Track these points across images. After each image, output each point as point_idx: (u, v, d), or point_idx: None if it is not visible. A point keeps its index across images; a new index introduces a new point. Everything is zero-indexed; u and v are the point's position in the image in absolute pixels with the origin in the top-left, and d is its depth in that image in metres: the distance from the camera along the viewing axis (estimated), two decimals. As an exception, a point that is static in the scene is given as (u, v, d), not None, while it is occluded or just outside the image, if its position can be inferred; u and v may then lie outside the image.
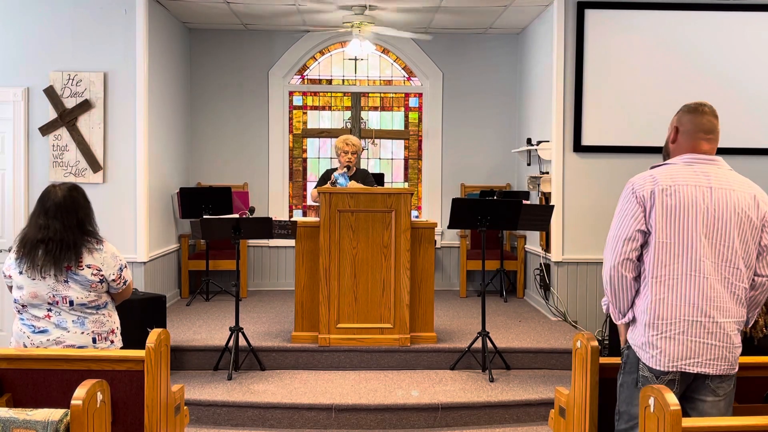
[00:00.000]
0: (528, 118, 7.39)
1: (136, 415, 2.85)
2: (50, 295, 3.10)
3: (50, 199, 3.14)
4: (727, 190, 2.55)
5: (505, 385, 4.78)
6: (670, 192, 2.52)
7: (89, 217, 3.22)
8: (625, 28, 6.18)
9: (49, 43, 5.99)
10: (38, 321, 3.12)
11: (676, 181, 2.54)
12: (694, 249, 2.49)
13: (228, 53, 7.78)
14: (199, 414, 4.43)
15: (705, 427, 2.24)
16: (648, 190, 2.54)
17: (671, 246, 2.50)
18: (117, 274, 3.21)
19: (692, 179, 2.55)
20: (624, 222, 2.56)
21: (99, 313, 3.20)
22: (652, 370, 2.52)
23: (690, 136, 2.64)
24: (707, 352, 2.49)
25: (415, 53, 7.89)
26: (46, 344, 3.10)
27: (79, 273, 3.11)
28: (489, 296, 7.09)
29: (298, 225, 5.27)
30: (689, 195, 2.52)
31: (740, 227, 2.53)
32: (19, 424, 2.25)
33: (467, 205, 5.13)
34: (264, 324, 5.88)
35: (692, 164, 2.59)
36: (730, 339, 2.52)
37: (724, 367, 2.51)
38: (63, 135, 5.98)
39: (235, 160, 7.82)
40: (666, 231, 2.50)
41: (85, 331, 3.15)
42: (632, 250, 2.54)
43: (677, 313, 2.49)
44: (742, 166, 6.17)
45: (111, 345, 3.22)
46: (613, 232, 2.60)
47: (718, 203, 2.52)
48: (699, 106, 2.68)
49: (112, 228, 5.98)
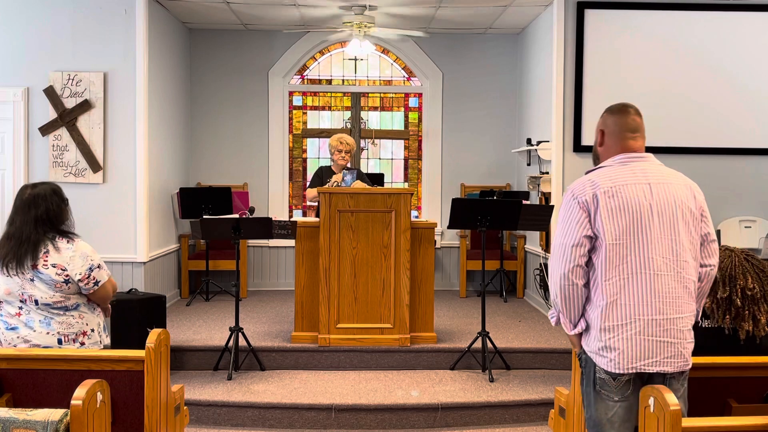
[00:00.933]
0: (528, 118, 7.39)
1: (136, 415, 2.84)
2: (19, 292, 3.11)
3: (20, 197, 3.18)
4: (665, 184, 2.55)
5: (505, 385, 4.78)
6: (611, 193, 2.51)
7: (57, 213, 3.17)
8: (625, 28, 6.18)
9: (49, 43, 5.99)
10: (11, 318, 3.14)
11: (615, 182, 2.53)
12: (643, 247, 2.49)
13: (228, 53, 7.79)
14: (199, 414, 4.43)
15: (705, 427, 2.24)
16: (589, 194, 2.52)
17: (620, 247, 2.48)
18: (85, 274, 3.14)
19: (631, 178, 2.54)
20: (569, 229, 2.53)
21: (67, 314, 3.16)
22: (609, 373, 2.50)
23: (617, 137, 2.65)
24: (664, 350, 2.47)
25: (415, 53, 7.89)
26: (16, 341, 3.11)
27: (44, 272, 3.09)
28: (489, 296, 7.09)
29: (298, 225, 5.26)
30: (631, 194, 2.51)
31: (684, 219, 2.53)
32: (19, 424, 2.25)
33: (467, 205, 5.13)
34: (264, 324, 5.88)
35: (627, 163, 2.59)
36: (683, 335, 2.51)
37: (680, 364, 2.50)
38: (63, 135, 5.98)
39: (235, 160, 7.82)
40: (614, 233, 2.48)
41: (51, 332, 3.13)
42: (581, 256, 2.51)
43: (631, 313, 2.48)
44: (742, 166, 6.21)
45: (81, 346, 3.17)
46: (558, 241, 2.56)
47: (659, 198, 2.52)
48: (622, 106, 2.69)
49: (112, 228, 5.99)
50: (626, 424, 2.50)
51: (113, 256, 5.86)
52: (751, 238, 6.08)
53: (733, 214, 6.18)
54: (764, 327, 3.05)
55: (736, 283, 3.13)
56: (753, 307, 3.11)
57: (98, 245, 4.12)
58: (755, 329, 3.10)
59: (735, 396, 2.79)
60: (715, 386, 2.79)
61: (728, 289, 3.15)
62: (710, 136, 6.18)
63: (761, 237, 5.99)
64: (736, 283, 3.13)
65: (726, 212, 6.13)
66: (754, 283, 3.14)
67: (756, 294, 3.11)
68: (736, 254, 3.23)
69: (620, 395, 2.49)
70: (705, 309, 3.23)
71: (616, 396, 2.49)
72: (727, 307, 3.16)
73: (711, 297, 3.20)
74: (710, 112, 6.19)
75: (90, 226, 5.64)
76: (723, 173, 6.16)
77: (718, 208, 6.09)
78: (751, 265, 3.19)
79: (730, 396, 2.79)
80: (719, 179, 6.12)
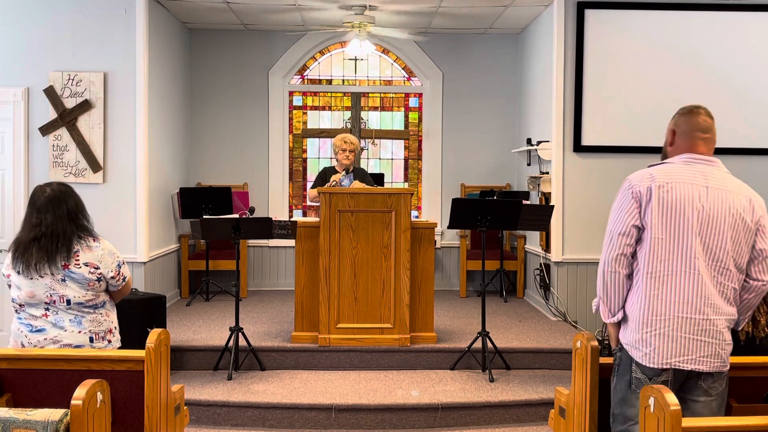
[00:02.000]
0: (528, 118, 7.39)
1: (136, 415, 2.84)
2: (47, 294, 3.09)
3: (40, 196, 3.13)
4: (724, 191, 2.56)
5: (505, 385, 4.78)
6: (666, 189, 2.53)
7: (81, 209, 3.18)
8: (625, 28, 6.18)
9: (49, 43, 5.99)
10: (36, 320, 3.11)
11: (673, 178, 2.55)
12: (688, 246, 2.50)
13: (228, 53, 7.78)
14: (199, 414, 4.43)
15: (705, 427, 2.24)
16: (645, 186, 2.56)
17: (666, 242, 2.51)
18: (116, 271, 3.20)
19: (689, 178, 2.56)
20: (619, 217, 2.58)
21: (96, 312, 3.19)
22: (645, 371, 2.52)
23: (687, 137, 2.65)
24: (700, 349, 2.49)
25: (415, 53, 7.89)
26: (43, 343, 3.09)
27: (77, 271, 3.09)
28: (489, 296, 7.09)
29: (298, 225, 5.27)
30: (685, 193, 2.53)
31: (734, 228, 2.54)
32: (19, 424, 2.25)
33: (467, 205, 5.13)
34: (264, 324, 5.88)
35: (690, 164, 2.61)
36: (722, 336, 2.52)
37: (717, 364, 2.51)
38: (63, 135, 5.98)
39: (235, 160, 7.82)
40: (661, 227, 2.51)
41: (83, 330, 3.14)
42: (626, 245, 2.55)
43: (671, 310, 2.50)
44: (742, 166, 6.21)
45: (108, 344, 3.21)
46: (609, 227, 2.62)
47: (713, 203, 2.53)
48: (694, 107, 2.70)
49: (112, 228, 5.99)
50: None
51: (113, 256, 5.85)
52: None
53: (733, 214, 6.17)
54: (764, 328, 3.05)
55: None
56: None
57: (98, 245, 4.12)
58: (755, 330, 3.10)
59: (735, 396, 2.79)
60: (715, 386, 2.79)
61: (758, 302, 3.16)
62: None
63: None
64: None
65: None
66: None
67: None
68: None
69: None
70: None
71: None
72: None
73: None
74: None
75: (90, 226, 5.64)
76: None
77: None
78: None
79: (730, 396, 2.78)
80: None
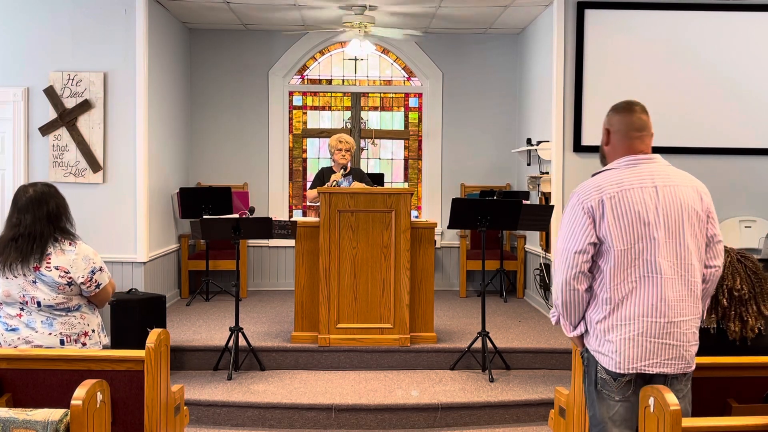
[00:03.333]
0: (528, 118, 7.39)
1: (136, 415, 2.84)
2: (21, 294, 3.09)
3: (23, 196, 3.14)
4: (672, 186, 2.54)
5: (505, 385, 4.78)
6: (618, 198, 2.49)
7: (63, 211, 3.17)
8: (625, 28, 6.17)
9: (49, 43, 5.99)
10: (11, 319, 3.13)
11: (622, 186, 2.51)
12: (650, 251, 2.48)
13: (228, 53, 7.79)
14: (199, 414, 4.43)
15: (705, 427, 2.24)
16: (595, 199, 2.51)
17: (627, 252, 2.48)
18: (87, 277, 3.14)
19: (637, 181, 2.53)
20: (573, 235, 2.51)
21: (70, 315, 3.17)
22: (609, 372, 2.51)
23: (623, 136, 2.62)
24: (664, 352, 2.48)
25: (415, 53, 7.89)
26: (17, 342, 3.10)
27: (47, 274, 3.08)
28: (489, 296, 7.09)
29: (298, 225, 5.27)
30: (637, 198, 2.50)
31: (690, 222, 2.53)
32: (19, 424, 2.25)
33: (467, 205, 5.13)
34: (264, 324, 5.88)
35: (633, 165, 2.57)
36: (686, 337, 2.51)
37: (682, 366, 2.50)
38: (63, 135, 5.98)
39: (235, 160, 7.82)
40: (621, 238, 2.47)
41: (53, 332, 3.13)
42: (584, 263, 2.50)
43: (635, 314, 2.47)
44: (742, 166, 6.21)
45: (83, 347, 3.18)
46: (561, 245, 2.55)
47: (665, 202, 2.51)
48: (628, 104, 2.67)
49: (112, 228, 5.99)
50: (627, 423, 2.51)
51: (113, 256, 5.85)
52: (751, 238, 6.08)
53: (733, 214, 6.18)
54: (752, 328, 3.04)
55: (723, 283, 3.12)
56: (740, 308, 3.10)
57: (98, 245, 4.13)
58: (743, 330, 3.10)
59: (735, 396, 2.79)
60: (715, 386, 2.79)
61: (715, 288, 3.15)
62: (710, 136, 6.18)
63: (761, 237, 6.00)
64: (723, 283, 3.12)
65: (726, 212, 6.13)
66: (743, 284, 3.12)
67: (744, 295, 3.10)
68: (731, 254, 3.22)
69: (621, 395, 2.50)
70: None
71: (617, 396, 2.50)
72: (714, 306, 3.16)
73: None
74: (710, 111, 6.19)
75: (90, 226, 5.65)
76: (723, 173, 6.15)
77: (717, 208, 5.99)
78: (743, 266, 3.18)
79: (730, 396, 2.79)
80: (719, 179, 6.11)
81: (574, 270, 2.50)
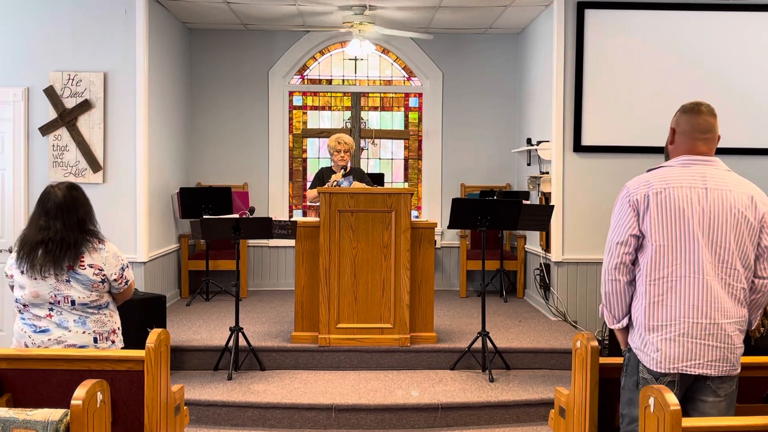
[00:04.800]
0: (528, 118, 7.39)
1: (136, 415, 2.84)
2: (52, 294, 3.09)
3: (50, 199, 3.14)
4: (724, 190, 2.54)
5: (505, 385, 4.78)
6: (664, 194, 2.51)
7: (90, 215, 3.22)
8: (625, 28, 6.18)
9: (49, 43, 5.99)
10: (40, 320, 3.12)
11: (669, 183, 2.53)
12: (692, 250, 2.49)
13: (228, 53, 7.79)
14: (199, 414, 4.43)
15: (705, 427, 2.24)
16: (642, 193, 2.55)
17: (668, 248, 2.50)
18: (119, 274, 3.21)
19: (687, 181, 2.54)
20: (618, 226, 2.58)
21: (101, 312, 3.20)
22: (652, 372, 2.51)
23: (687, 137, 2.63)
24: (708, 353, 2.48)
25: (415, 53, 7.89)
26: (47, 343, 3.09)
27: (81, 273, 3.11)
28: (489, 296, 7.09)
29: (298, 225, 5.27)
30: (683, 197, 2.51)
31: (737, 228, 2.52)
32: (19, 424, 2.25)
33: (467, 205, 5.13)
34: (264, 324, 5.88)
35: (688, 166, 2.59)
36: (731, 340, 2.51)
37: (726, 368, 2.50)
38: (63, 135, 5.98)
39: (235, 160, 7.82)
40: (662, 234, 2.50)
41: (87, 331, 3.15)
42: (625, 254, 2.55)
43: (677, 315, 2.49)
44: (741, 166, 6.18)
45: (112, 345, 3.22)
46: (609, 236, 2.62)
47: (713, 204, 2.51)
48: (695, 105, 2.66)
49: (112, 228, 5.98)
50: None
51: (113, 256, 5.85)
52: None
53: (733, 214, 6.17)
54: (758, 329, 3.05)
55: None
56: None
57: (98, 245, 4.12)
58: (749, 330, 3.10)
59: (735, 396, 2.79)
60: (715, 386, 2.79)
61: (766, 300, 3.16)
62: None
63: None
64: None
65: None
66: None
67: None
68: None
69: None
70: None
71: None
72: None
73: None
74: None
75: (90, 226, 5.64)
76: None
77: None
78: None
79: (730, 396, 2.78)
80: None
81: (615, 260, 2.57)
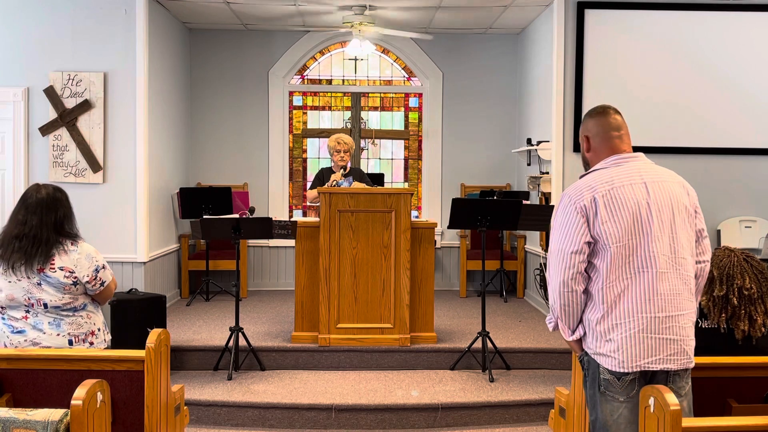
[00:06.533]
0: (528, 118, 7.39)
1: (136, 415, 2.84)
2: (25, 297, 3.09)
3: (33, 195, 3.13)
4: (660, 182, 2.54)
5: (505, 385, 4.78)
6: (610, 196, 2.48)
7: (69, 218, 3.19)
8: (625, 28, 6.18)
9: (49, 43, 5.99)
10: (17, 322, 3.12)
11: (613, 184, 2.51)
12: (645, 246, 2.47)
13: (228, 53, 7.79)
14: (199, 414, 4.43)
15: (705, 427, 2.24)
16: (588, 198, 2.49)
17: (624, 248, 2.47)
18: (91, 276, 3.16)
19: (627, 179, 2.52)
20: (568, 235, 2.49)
21: (76, 314, 3.18)
22: (613, 373, 2.48)
23: (603, 138, 2.62)
24: (666, 347, 2.46)
25: (415, 53, 7.89)
26: (23, 344, 3.10)
27: (52, 275, 3.08)
28: (489, 296, 7.09)
29: (298, 225, 5.27)
30: (629, 194, 2.49)
31: (680, 217, 2.53)
32: (19, 424, 2.25)
33: (467, 205, 5.13)
34: (264, 324, 5.88)
35: (621, 164, 2.57)
36: (686, 332, 2.50)
37: (684, 361, 2.49)
38: (63, 135, 5.98)
39: (235, 160, 7.82)
40: (617, 235, 2.46)
41: (61, 333, 3.13)
42: (580, 263, 2.48)
43: (633, 311, 2.46)
44: (742, 166, 6.21)
45: (90, 346, 3.19)
46: (556, 246, 2.52)
47: (656, 197, 2.51)
48: (601, 107, 2.67)
49: (112, 228, 6.00)
50: (632, 426, 2.48)
51: (113, 256, 5.85)
52: (751, 238, 6.08)
53: (733, 214, 6.18)
54: (761, 327, 3.05)
55: (734, 282, 3.14)
56: (750, 307, 3.12)
57: (98, 245, 4.12)
58: (752, 329, 3.10)
59: (735, 396, 2.79)
60: (715, 386, 2.79)
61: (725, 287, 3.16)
62: (711, 136, 6.18)
63: (761, 237, 5.99)
64: (734, 282, 3.14)
65: (726, 212, 6.13)
66: (752, 283, 3.14)
67: (753, 294, 3.12)
68: (736, 254, 3.24)
69: (625, 395, 2.48)
70: (702, 308, 3.23)
71: (621, 396, 2.48)
72: (724, 305, 3.16)
73: (708, 295, 3.21)
74: (710, 111, 6.19)
75: (90, 226, 5.64)
76: (723, 173, 6.15)
77: (718, 208, 6.09)
78: (750, 266, 3.20)
79: (730, 396, 2.79)
80: (719, 179, 6.12)
81: (571, 270, 2.48)
